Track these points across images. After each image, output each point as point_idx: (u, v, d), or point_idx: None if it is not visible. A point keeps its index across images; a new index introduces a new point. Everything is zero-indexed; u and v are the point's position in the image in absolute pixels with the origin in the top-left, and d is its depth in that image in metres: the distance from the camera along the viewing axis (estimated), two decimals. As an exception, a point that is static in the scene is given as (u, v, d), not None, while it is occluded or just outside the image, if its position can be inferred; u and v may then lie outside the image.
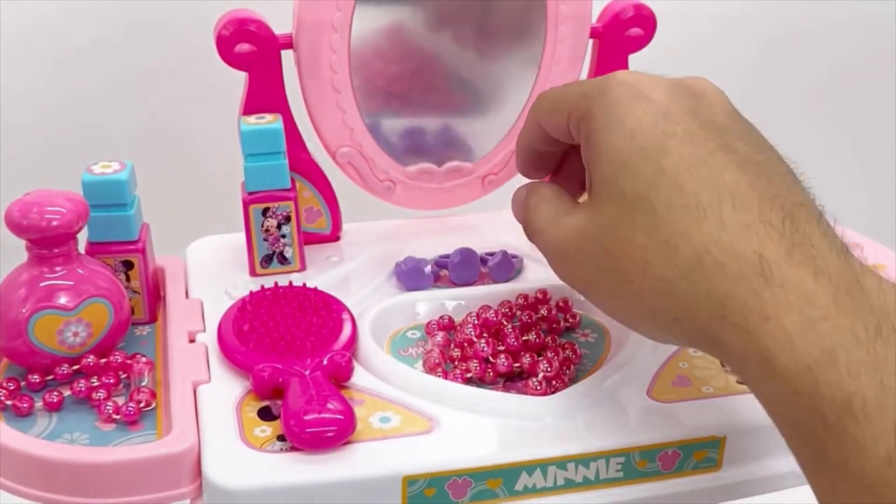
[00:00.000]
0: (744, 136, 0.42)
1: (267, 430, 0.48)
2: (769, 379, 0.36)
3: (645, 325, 0.43)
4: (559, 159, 0.52)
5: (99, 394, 0.50)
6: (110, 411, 0.49)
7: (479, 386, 0.53)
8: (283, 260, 0.61)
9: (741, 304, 0.37)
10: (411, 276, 0.60)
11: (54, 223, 0.50)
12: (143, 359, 0.52)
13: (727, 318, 0.38)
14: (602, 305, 0.45)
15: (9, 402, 0.49)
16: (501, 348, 0.54)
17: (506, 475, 0.47)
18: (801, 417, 0.35)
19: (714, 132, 0.41)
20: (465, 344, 0.55)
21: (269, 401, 0.50)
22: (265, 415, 0.49)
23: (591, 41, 0.64)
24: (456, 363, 0.54)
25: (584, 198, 0.49)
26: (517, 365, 0.54)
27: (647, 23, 0.64)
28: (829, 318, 0.35)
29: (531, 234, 0.50)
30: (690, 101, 0.43)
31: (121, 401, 0.49)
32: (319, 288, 0.57)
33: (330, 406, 0.47)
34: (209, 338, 0.54)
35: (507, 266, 0.61)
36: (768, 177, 0.40)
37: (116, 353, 0.52)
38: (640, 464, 0.48)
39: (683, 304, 0.39)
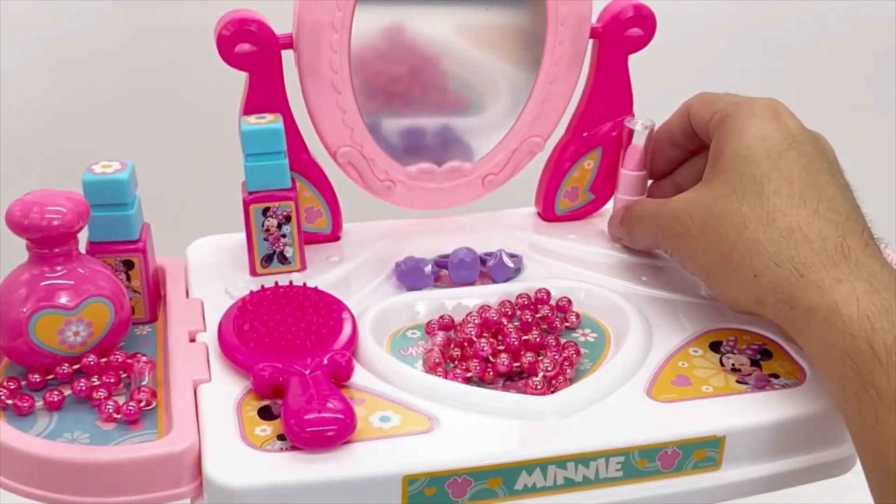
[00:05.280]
0: (842, 175, 0.54)
1: (267, 429, 0.48)
2: (831, 326, 0.47)
3: (725, 278, 0.53)
4: (675, 165, 0.64)
5: (99, 393, 0.50)
6: (111, 410, 0.49)
7: (479, 385, 0.53)
8: (284, 260, 0.61)
9: (819, 269, 0.49)
10: (411, 275, 0.60)
11: (55, 223, 0.50)
12: (144, 358, 0.52)
13: (805, 277, 0.49)
14: (690, 260, 0.55)
15: (9, 402, 0.50)
16: (501, 348, 0.54)
17: (505, 474, 0.47)
18: (855, 352, 0.45)
19: (825, 161, 0.54)
20: (466, 343, 0.55)
21: (269, 400, 0.50)
22: (265, 414, 0.49)
23: (590, 41, 0.64)
24: (456, 363, 0.54)
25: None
26: (517, 364, 0.54)
27: (646, 23, 0.64)
28: (889, 290, 0.47)
29: (638, 216, 0.61)
30: (814, 137, 0.55)
31: (121, 400, 0.50)
32: (319, 288, 0.57)
33: (330, 405, 0.47)
34: (209, 337, 0.54)
35: (506, 266, 0.61)
36: (853, 202, 0.52)
37: (117, 353, 0.52)
38: (639, 463, 0.48)
39: (766, 263, 0.50)
